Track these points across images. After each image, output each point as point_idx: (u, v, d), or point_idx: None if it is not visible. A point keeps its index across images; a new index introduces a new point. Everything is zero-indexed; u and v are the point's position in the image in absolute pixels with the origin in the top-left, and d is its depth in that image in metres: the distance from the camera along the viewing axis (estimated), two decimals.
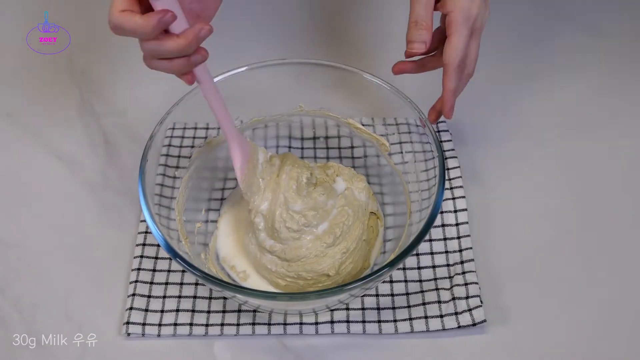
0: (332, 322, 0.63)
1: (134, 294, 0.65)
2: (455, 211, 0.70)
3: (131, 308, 0.64)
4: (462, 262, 0.66)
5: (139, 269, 0.67)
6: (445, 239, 0.69)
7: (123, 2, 0.51)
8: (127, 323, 0.63)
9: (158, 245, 0.68)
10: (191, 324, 0.64)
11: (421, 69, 0.72)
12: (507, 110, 0.82)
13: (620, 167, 0.76)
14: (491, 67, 0.87)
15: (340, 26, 0.95)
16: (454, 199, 0.72)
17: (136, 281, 0.66)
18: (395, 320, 0.63)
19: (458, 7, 0.63)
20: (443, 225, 0.70)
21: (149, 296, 0.65)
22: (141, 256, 0.68)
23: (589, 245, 0.69)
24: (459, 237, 0.68)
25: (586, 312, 0.64)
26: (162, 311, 0.64)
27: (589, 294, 0.65)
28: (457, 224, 0.69)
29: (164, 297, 0.65)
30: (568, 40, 0.90)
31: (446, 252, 0.68)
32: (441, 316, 0.63)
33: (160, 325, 0.63)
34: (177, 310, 0.64)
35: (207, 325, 0.63)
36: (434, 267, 0.67)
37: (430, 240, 0.69)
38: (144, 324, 0.63)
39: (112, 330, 0.64)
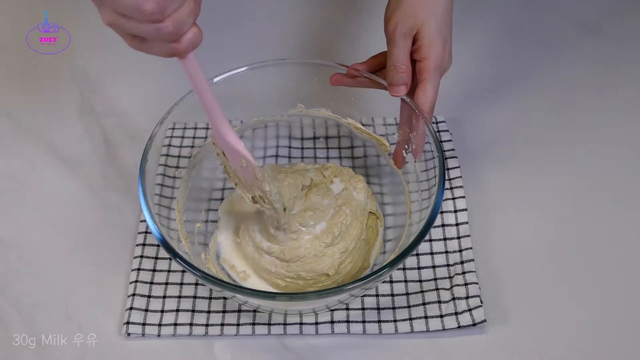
0: (332, 322, 0.63)
1: (134, 294, 0.65)
2: (455, 211, 0.70)
3: (131, 308, 0.64)
4: (462, 262, 0.66)
5: (139, 269, 0.67)
6: (445, 239, 0.69)
7: None
8: (127, 323, 0.63)
9: (158, 245, 0.68)
10: (191, 324, 0.64)
11: (358, 85, 0.71)
12: (507, 110, 0.82)
13: (621, 166, 0.76)
14: (491, 67, 0.88)
15: (341, 26, 0.95)
16: (454, 199, 0.72)
17: (136, 281, 0.66)
18: (395, 320, 0.63)
19: (432, 55, 0.63)
20: (443, 225, 0.70)
21: (149, 296, 0.65)
22: (141, 256, 0.68)
23: (589, 245, 0.69)
24: (459, 237, 0.68)
25: (586, 312, 0.64)
26: (162, 311, 0.64)
27: (589, 294, 0.65)
28: (457, 224, 0.69)
29: (164, 297, 0.65)
30: (568, 40, 0.90)
31: (446, 252, 0.68)
32: (441, 316, 0.63)
33: (160, 325, 0.63)
34: (177, 310, 0.64)
35: (207, 325, 0.63)
36: (434, 267, 0.67)
37: (430, 240, 0.69)
38: (144, 324, 0.63)
39: (112, 330, 0.64)
